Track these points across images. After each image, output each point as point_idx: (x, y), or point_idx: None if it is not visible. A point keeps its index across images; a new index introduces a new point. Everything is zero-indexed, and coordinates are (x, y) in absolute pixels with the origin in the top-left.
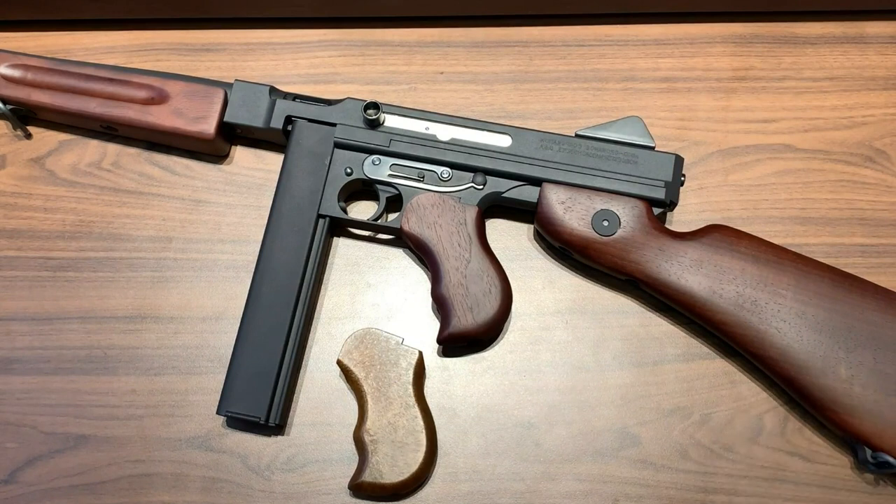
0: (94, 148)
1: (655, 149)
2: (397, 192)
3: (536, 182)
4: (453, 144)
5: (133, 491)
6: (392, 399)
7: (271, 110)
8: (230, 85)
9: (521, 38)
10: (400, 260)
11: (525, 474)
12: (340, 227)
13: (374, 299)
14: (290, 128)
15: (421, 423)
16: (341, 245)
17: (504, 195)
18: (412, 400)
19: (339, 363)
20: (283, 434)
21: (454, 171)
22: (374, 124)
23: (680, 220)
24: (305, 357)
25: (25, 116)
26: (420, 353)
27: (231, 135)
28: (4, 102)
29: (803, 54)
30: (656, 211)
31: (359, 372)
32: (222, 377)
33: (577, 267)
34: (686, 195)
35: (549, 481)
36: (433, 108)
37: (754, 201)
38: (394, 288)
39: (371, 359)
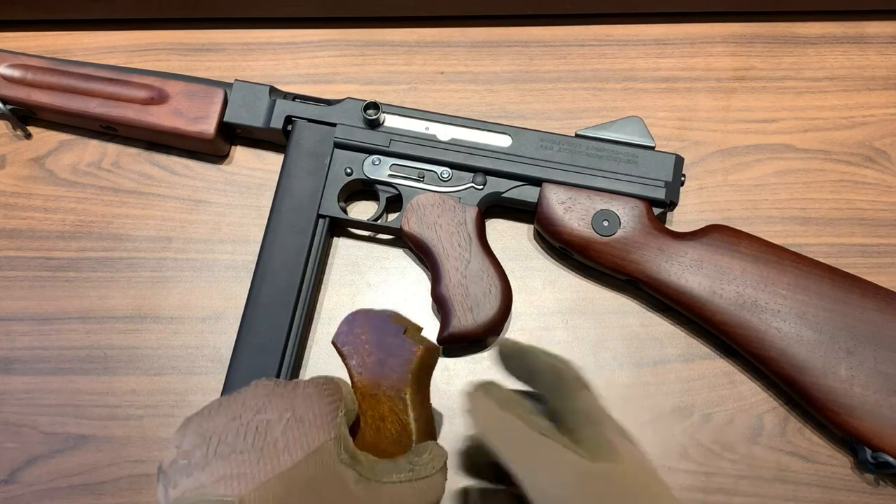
0: (94, 148)
1: (655, 149)
2: (397, 192)
3: (536, 182)
4: (453, 144)
5: (133, 491)
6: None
7: (271, 110)
8: (230, 85)
9: (521, 38)
10: (400, 260)
11: None
12: (340, 227)
13: (374, 299)
14: (289, 128)
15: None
16: (341, 245)
17: (504, 195)
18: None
19: (334, 343)
20: None
21: (454, 171)
22: (374, 124)
23: (680, 220)
24: (305, 357)
25: (25, 116)
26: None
27: (231, 135)
28: (4, 102)
29: (803, 54)
30: (656, 211)
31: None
32: (222, 377)
33: (577, 267)
34: (686, 195)
35: None
36: (433, 108)
37: (754, 201)
38: (394, 288)
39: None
